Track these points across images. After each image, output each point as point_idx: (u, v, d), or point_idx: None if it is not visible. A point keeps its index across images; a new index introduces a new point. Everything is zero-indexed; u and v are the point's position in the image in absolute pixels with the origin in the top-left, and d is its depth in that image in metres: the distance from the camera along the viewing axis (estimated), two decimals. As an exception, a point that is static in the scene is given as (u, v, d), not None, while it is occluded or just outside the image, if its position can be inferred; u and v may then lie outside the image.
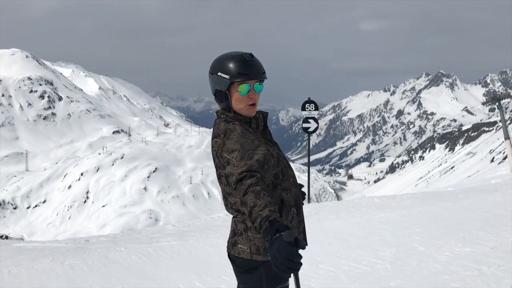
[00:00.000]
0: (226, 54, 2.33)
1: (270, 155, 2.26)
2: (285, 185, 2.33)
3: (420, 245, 6.26)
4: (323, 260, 5.62)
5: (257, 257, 2.25)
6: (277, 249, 1.77)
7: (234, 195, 2.26)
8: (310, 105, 13.42)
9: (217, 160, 2.28)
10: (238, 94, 2.30)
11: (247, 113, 2.33)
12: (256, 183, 2.07)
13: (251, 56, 2.31)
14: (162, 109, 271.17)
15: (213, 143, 2.31)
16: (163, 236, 8.16)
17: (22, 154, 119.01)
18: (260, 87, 2.33)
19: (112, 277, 5.33)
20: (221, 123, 2.33)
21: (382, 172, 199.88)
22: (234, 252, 2.31)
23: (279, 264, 1.76)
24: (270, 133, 2.50)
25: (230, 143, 2.20)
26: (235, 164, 2.14)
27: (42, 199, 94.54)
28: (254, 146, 2.20)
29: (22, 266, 5.93)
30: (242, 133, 2.23)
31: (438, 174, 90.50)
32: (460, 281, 4.65)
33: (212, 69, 2.33)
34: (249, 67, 2.27)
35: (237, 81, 2.26)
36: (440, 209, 9.67)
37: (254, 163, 2.14)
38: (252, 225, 2.12)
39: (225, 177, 2.23)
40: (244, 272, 2.30)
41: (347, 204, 11.45)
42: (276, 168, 2.29)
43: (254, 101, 2.32)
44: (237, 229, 2.31)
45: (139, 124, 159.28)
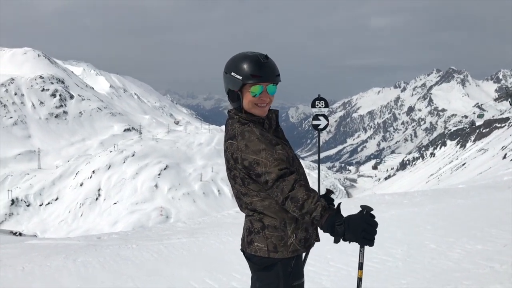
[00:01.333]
0: (241, 54, 2.33)
1: (286, 153, 2.28)
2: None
3: (431, 242, 6.22)
4: (334, 257, 5.62)
5: (274, 254, 2.28)
6: (364, 222, 2.05)
7: (250, 196, 2.27)
8: (320, 102, 13.37)
9: (232, 161, 2.28)
10: (250, 95, 2.30)
11: (258, 113, 2.33)
12: (300, 178, 2.17)
13: (266, 57, 2.29)
14: (173, 107, 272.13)
15: (227, 145, 2.30)
16: (174, 233, 8.20)
17: (35, 152, 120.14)
18: (274, 89, 2.33)
19: (124, 274, 5.38)
20: (235, 124, 2.33)
21: (392, 169, 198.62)
22: (250, 251, 2.33)
23: (370, 235, 2.04)
24: (282, 131, 2.49)
25: (253, 144, 2.20)
26: (268, 164, 2.15)
27: (54, 197, 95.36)
28: (275, 145, 2.25)
29: (35, 263, 6.00)
30: (260, 133, 2.25)
31: (449, 171, 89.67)
32: (472, 279, 4.62)
33: (226, 68, 2.33)
34: (262, 69, 2.26)
35: (249, 82, 2.26)
36: (451, 206, 9.60)
37: (284, 160, 2.19)
38: (309, 217, 2.10)
39: (256, 176, 2.21)
40: (261, 269, 2.33)
41: (358, 201, 11.42)
42: (291, 167, 2.29)
43: (266, 102, 2.32)
44: (253, 227, 2.33)
45: (150, 122, 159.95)
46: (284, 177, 2.13)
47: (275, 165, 2.14)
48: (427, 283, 4.60)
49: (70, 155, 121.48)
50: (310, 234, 2.35)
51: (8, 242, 9.25)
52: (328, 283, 4.69)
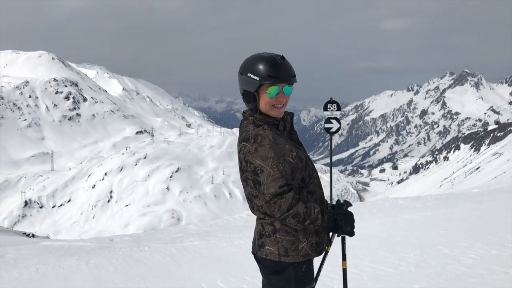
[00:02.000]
0: (257, 55, 2.32)
1: (299, 158, 2.28)
2: (310, 187, 2.34)
3: (445, 247, 6.16)
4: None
5: (285, 258, 2.28)
6: (352, 215, 2.31)
7: (261, 199, 2.26)
8: (332, 105, 13.31)
9: (244, 163, 2.28)
10: (267, 96, 2.29)
11: (275, 114, 2.32)
12: (296, 194, 2.21)
13: (283, 58, 2.29)
14: (185, 109, 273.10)
15: (241, 146, 2.30)
16: (185, 236, 8.22)
17: (48, 154, 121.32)
18: (290, 89, 2.33)
19: (136, 276, 5.40)
20: (250, 125, 2.32)
21: (405, 172, 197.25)
22: (261, 254, 2.34)
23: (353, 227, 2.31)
24: (296, 134, 2.49)
25: (263, 150, 2.21)
26: (270, 174, 2.18)
27: (67, 199, 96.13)
28: (286, 151, 2.24)
29: (49, 265, 6.05)
30: (273, 138, 2.23)
31: (463, 175, 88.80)
32: (486, 284, 4.57)
33: (242, 69, 2.32)
34: (279, 69, 2.26)
35: (266, 83, 2.25)
36: (465, 211, 9.50)
37: (288, 173, 2.22)
38: (312, 226, 2.24)
39: (257, 183, 2.24)
40: (272, 273, 2.33)
41: (370, 205, 11.36)
42: (303, 171, 2.30)
43: (282, 103, 2.32)
44: (264, 231, 2.33)
45: (162, 124, 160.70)
46: (282, 194, 2.17)
47: (277, 178, 2.17)
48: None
49: (83, 157, 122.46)
50: (322, 238, 2.36)
51: (22, 244, 9.35)
52: (339, 287, 4.67)
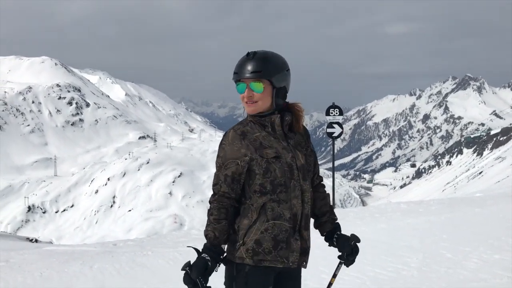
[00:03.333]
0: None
1: (256, 164, 2.21)
2: (279, 197, 2.22)
3: (447, 251, 6.17)
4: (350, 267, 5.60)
5: (228, 255, 2.31)
6: (193, 274, 2.14)
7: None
8: (334, 110, 13.38)
9: None
10: (238, 93, 2.32)
11: (248, 111, 2.30)
12: (222, 198, 2.25)
13: (251, 54, 2.25)
14: (187, 114, 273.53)
15: None
16: (188, 240, 8.24)
17: (51, 159, 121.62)
18: (255, 86, 2.23)
19: (139, 281, 5.43)
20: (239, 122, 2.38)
21: (408, 177, 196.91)
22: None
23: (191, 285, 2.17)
24: (297, 139, 2.38)
25: (220, 148, 2.29)
26: (216, 170, 2.30)
27: (70, 204, 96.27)
28: (239, 154, 2.23)
29: (53, 269, 6.08)
30: (232, 139, 2.26)
31: (466, 179, 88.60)
32: (489, 289, 4.57)
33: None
34: (241, 65, 2.24)
35: (233, 79, 2.29)
36: (468, 215, 9.50)
37: (228, 176, 2.24)
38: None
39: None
40: (224, 263, 2.34)
41: (373, 209, 11.36)
42: (262, 178, 2.21)
43: (248, 100, 2.25)
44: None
45: (165, 129, 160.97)
46: (213, 191, 2.28)
47: (215, 176, 2.29)
48: (443, 293, 4.56)
49: (85, 163, 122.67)
50: (263, 249, 2.19)
51: (25, 249, 9.38)
52: (342, 292, 4.69)
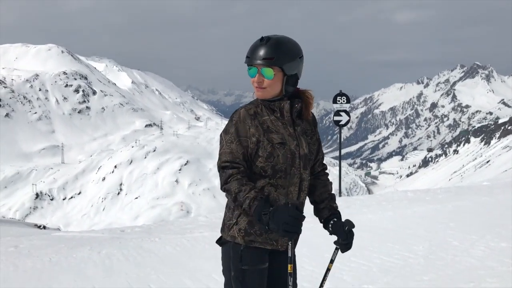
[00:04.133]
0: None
1: (262, 147, 2.23)
2: (277, 182, 2.25)
3: (454, 239, 6.17)
4: (355, 253, 5.61)
5: (222, 233, 2.37)
6: (288, 214, 2.01)
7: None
8: (341, 98, 13.32)
9: None
10: (249, 76, 2.31)
11: (256, 95, 2.31)
12: (237, 173, 2.19)
13: (264, 39, 2.23)
14: (193, 102, 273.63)
15: None
16: (195, 227, 8.28)
17: (58, 147, 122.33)
18: (266, 72, 2.23)
19: (147, 267, 5.47)
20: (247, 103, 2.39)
21: (415, 166, 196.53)
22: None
23: (292, 228, 2.01)
24: (304, 127, 2.39)
25: (229, 125, 2.28)
26: (223, 147, 2.25)
27: (77, 191, 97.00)
28: (248, 134, 2.23)
29: (61, 255, 6.14)
30: (243, 118, 2.25)
31: (473, 168, 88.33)
32: (496, 277, 4.57)
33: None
34: (252, 50, 2.24)
35: (245, 63, 2.28)
36: (475, 204, 9.48)
37: (239, 153, 2.22)
38: (241, 208, 2.21)
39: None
40: (220, 244, 2.40)
41: (379, 198, 11.35)
42: (264, 161, 2.23)
43: (258, 85, 2.26)
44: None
45: (171, 117, 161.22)
46: (224, 169, 2.22)
47: (225, 153, 2.22)
48: (449, 280, 4.57)
49: (92, 150, 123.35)
50: (255, 230, 2.25)
51: (35, 234, 9.48)
52: (348, 278, 4.70)
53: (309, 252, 5.52)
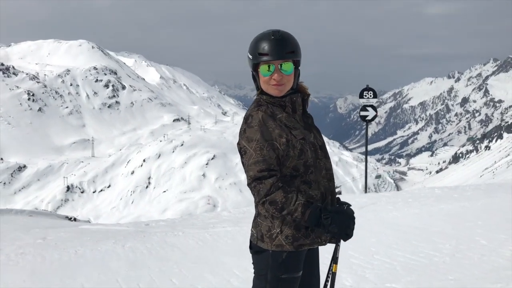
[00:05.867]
0: (259, 33, 2.23)
1: (291, 146, 2.16)
2: (310, 178, 2.21)
3: (482, 238, 6.00)
4: (379, 250, 5.53)
5: (261, 243, 2.26)
6: (349, 217, 2.14)
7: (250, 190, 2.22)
8: (368, 93, 13.14)
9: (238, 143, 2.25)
10: (262, 75, 2.20)
11: (274, 93, 2.22)
12: (277, 181, 2.10)
13: (276, 33, 2.16)
14: (220, 97, 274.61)
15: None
16: (219, 222, 8.32)
17: (89, 141, 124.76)
18: (289, 66, 2.17)
19: (170, 260, 5.52)
20: (253, 105, 2.27)
21: (444, 162, 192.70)
22: (251, 233, 2.38)
23: (351, 231, 2.15)
24: (312, 118, 2.37)
25: (250, 131, 2.15)
26: (252, 156, 2.12)
27: (107, 184, 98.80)
28: (275, 135, 2.14)
29: (87, 247, 6.26)
30: (264, 120, 2.15)
31: (505, 164, 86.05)
32: (524, 278, 4.43)
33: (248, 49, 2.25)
34: (269, 46, 2.13)
35: (258, 62, 2.17)
36: (505, 202, 9.20)
37: (272, 158, 2.12)
38: (290, 217, 2.13)
39: (242, 165, 2.20)
40: (254, 253, 2.33)
41: (406, 194, 11.16)
42: (297, 160, 2.18)
43: (278, 82, 2.18)
44: (255, 212, 2.35)
45: (198, 112, 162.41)
46: (261, 179, 2.10)
47: (259, 162, 2.10)
48: (475, 280, 4.45)
49: (122, 144, 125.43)
50: (303, 233, 2.21)
51: (64, 227, 9.69)
52: (371, 276, 4.63)
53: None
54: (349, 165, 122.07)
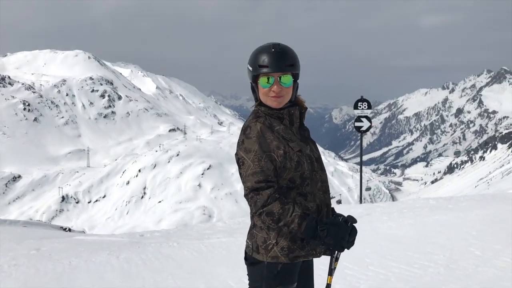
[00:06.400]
0: (259, 46, 2.27)
1: (288, 158, 2.18)
2: (306, 190, 2.23)
3: (476, 249, 6.02)
4: (373, 261, 5.53)
5: (256, 255, 2.27)
6: (345, 230, 2.14)
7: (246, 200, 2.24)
8: (363, 104, 13.20)
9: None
10: (261, 87, 2.24)
11: (272, 105, 2.25)
12: (274, 192, 2.12)
13: (276, 46, 2.20)
14: (216, 107, 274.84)
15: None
16: (214, 232, 8.31)
17: (84, 151, 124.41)
18: (288, 79, 2.21)
19: (164, 272, 5.50)
20: (251, 116, 2.31)
21: (440, 172, 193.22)
22: (246, 245, 2.39)
23: (347, 244, 2.16)
24: (308, 130, 2.40)
25: (249, 142, 2.17)
26: (250, 167, 2.13)
27: (102, 194, 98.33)
28: (272, 147, 2.16)
29: (81, 258, 6.23)
30: (262, 132, 2.18)
31: (500, 175, 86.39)
32: (518, 288, 4.45)
33: (248, 60, 2.30)
34: (269, 59, 2.17)
35: (258, 73, 2.21)
36: (499, 212, 9.23)
37: (270, 170, 2.14)
38: (287, 229, 2.14)
39: (240, 175, 2.22)
40: (249, 264, 2.34)
41: (401, 205, 11.18)
42: (293, 172, 2.20)
43: (277, 94, 2.22)
44: (251, 223, 2.35)
45: (194, 122, 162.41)
46: (259, 190, 2.11)
47: (254, 173, 2.12)
48: (470, 291, 4.46)
49: (117, 154, 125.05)
50: (298, 245, 2.22)
51: (58, 237, 9.64)
52: (365, 287, 4.63)
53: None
54: (345, 175, 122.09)
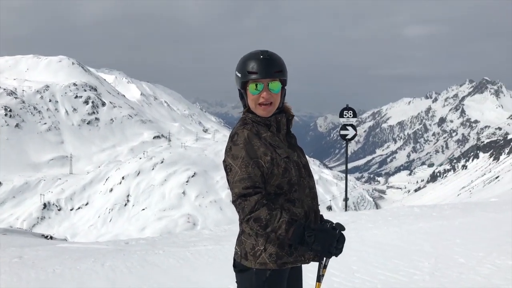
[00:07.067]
0: (248, 53, 2.29)
1: (275, 164, 2.19)
2: (293, 196, 2.24)
3: (460, 256, 6.10)
4: (359, 269, 5.57)
5: (244, 262, 2.27)
6: (333, 236, 2.14)
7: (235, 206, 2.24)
8: (348, 112, 13.32)
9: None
10: (250, 93, 2.25)
11: (261, 113, 2.27)
12: (262, 198, 2.13)
13: (265, 53, 2.22)
14: (201, 115, 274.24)
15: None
16: (200, 240, 8.27)
17: (67, 157, 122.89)
18: (276, 86, 2.23)
19: (150, 279, 5.46)
20: (238, 123, 2.33)
21: (423, 181, 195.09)
22: (234, 251, 2.39)
23: (335, 250, 2.17)
24: (295, 138, 2.42)
25: (236, 149, 2.18)
26: (237, 173, 2.14)
27: (84, 202, 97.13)
28: (260, 153, 2.17)
29: (65, 266, 6.15)
30: (249, 138, 2.19)
31: (481, 184, 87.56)
32: (501, 295, 4.51)
33: (236, 67, 2.31)
34: (258, 65, 2.19)
35: (247, 80, 2.22)
36: (482, 220, 9.38)
37: (257, 176, 2.15)
38: (274, 234, 2.14)
39: (227, 182, 2.23)
40: (238, 271, 2.34)
41: (385, 213, 11.26)
42: (281, 178, 2.21)
43: (266, 101, 2.24)
44: (240, 230, 2.36)
45: (179, 129, 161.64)
46: (246, 196, 2.12)
47: (242, 179, 2.13)
48: (454, 298, 4.51)
49: (101, 161, 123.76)
50: (287, 251, 2.23)
51: (40, 245, 9.49)
52: (352, 295, 4.66)
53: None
54: (329, 183, 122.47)
